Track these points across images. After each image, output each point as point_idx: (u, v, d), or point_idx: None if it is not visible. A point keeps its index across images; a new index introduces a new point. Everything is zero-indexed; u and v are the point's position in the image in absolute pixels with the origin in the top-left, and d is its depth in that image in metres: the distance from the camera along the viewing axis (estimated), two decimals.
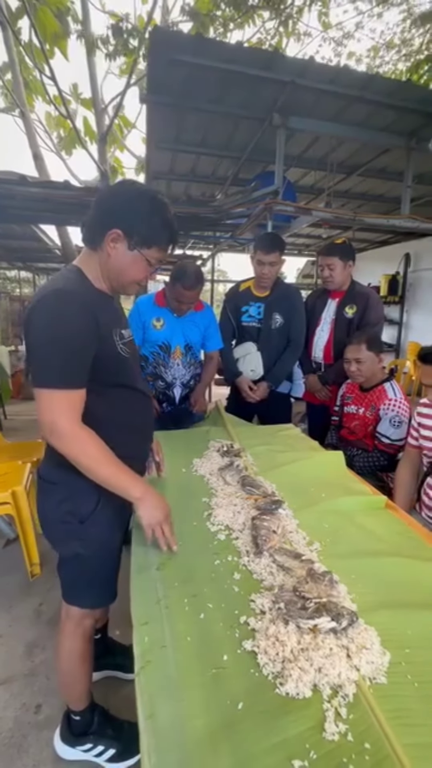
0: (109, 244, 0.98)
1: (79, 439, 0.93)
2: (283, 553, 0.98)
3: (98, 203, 1.01)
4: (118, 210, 0.97)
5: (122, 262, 1.00)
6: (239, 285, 2.44)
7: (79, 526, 1.03)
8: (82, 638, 1.14)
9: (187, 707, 0.65)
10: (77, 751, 1.22)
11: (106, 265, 1.01)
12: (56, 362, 0.90)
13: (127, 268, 1.01)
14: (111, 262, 1.00)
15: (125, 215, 0.96)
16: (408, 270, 6.01)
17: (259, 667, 0.71)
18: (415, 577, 0.94)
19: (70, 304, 0.92)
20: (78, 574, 1.09)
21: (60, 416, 0.91)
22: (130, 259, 1.00)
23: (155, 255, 1.02)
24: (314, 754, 0.58)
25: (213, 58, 2.53)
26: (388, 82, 2.92)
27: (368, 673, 0.69)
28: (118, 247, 0.98)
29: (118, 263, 1.00)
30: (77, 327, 0.92)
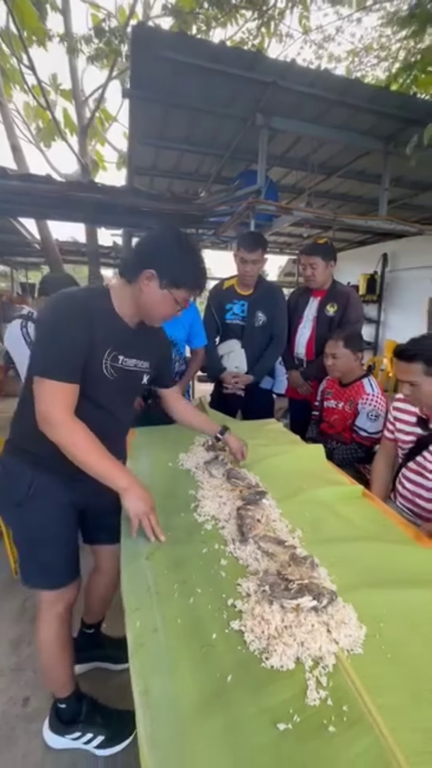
0: (143, 282, 1.08)
1: (70, 428, 1.00)
2: (267, 540, 1.03)
3: (138, 244, 1.15)
4: (154, 253, 1.08)
5: (153, 299, 1.10)
6: (222, 283, 2.48)
7: (18, 508, 1.12)
8: (56, 625, 1.18)
9: (180, 682, 0.69)
10: (66, 740, 1.25)
11: (138, 299, 1.11)
12: (54, 355, 1.00)
13: (157, 304, 1.11)
14: (143, 297, 1.10)
15: (160, 258, 1.07)
16: (385, 270, 6.19)
17: (246, 644, 0.76)
18: (389, 559, 1.01)
19: (74, 309, 1.03)
20: (23, 553, 1.18)
21: (55, 406, 0.99)
22: (161, 297, 1.10)
23: (182, 295, 1.12)
24: (297, 717, 0.63)
25: (196, 56, 2.54)
26: (367, 88, 3.01)
27: (346, 646, 0.75)
28: (151, 285, 1.08)
29: (150, 299, 1.10)
30: (75, 329, 1.01)
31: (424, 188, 4.41)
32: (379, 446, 1.87)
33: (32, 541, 1.15)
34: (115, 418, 1.19)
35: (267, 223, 3.79)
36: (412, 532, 1.15)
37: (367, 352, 6.36)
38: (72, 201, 2.98)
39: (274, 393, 2.78)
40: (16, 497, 1.11)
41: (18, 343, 1.93)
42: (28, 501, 1.11)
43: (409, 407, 1.68)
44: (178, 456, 1.60)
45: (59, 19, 4.76)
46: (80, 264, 7.08)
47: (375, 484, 1.75)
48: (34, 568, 1.17)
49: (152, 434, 1.85)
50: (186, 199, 3.04)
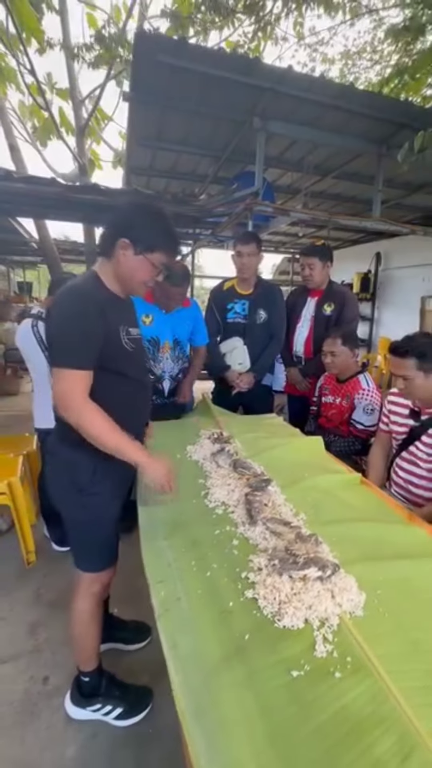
0: (119, 253, 1.15)
1: (88, 411, 1.08)
2: (274, 522, 1.13)
3: (109, 220, 1.19)
4: (126, 222, 1.15)
5: (131, 267, 1.17)
6: (223, 284, 2.57)
7: (78, 494, 1.20)
8: (91, 600, 1.30)
9: (203, 641, 0.78)
10: (87, 712, 1.34)
11: (117, 270, 1.18)
12: (71, 347, 1.08)
13: (135, 271, 1.18)
14: (121, 267, 1.17)
15: (132, 226, 1.14)
16: (379, 268, 6.32)
17: (260, 609, 0.85)
18: (384, 537, 1.11)
19: (83, 301, 1.11)
20: (82, 539, 1.27)
21: (72, 391, 1.07)
22: (138, 263, 1.16)
23: (159, 258, 1.18)
24: (308, 666, 0.73)
25: (196, 61, 2.62)
26: (360, 93, 3.10)
27: (349, 609, 0.85)
28: (127, 253, 1.15)
29: (127, 267, 1.17)
30: (88, 319, 1.09)
31: (416, 189, 4.53)
32: (375, 438, 1.98)
33: (92, 525, 1.24)
34: (144, 385, 1.32)
35: (264, 223, 3.88)
36: (405, 514, 1.25)
37: (361, 349, 6.50)
38: (72, 201, 3.04)
39: (274, 390, 2.89)
40: (79, 485, 1.19)
41: (29, 342, 2.00)
42: (91, 486, 1.20)
43: (403, 400, 1.78)
44: (186, 448, 1.69)
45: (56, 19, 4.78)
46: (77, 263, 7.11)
47: (371, 472, 1.86)
48: (94, 551, 1.27)
49: (158, 428, 1.93)
50: (186, 201, 3.12)
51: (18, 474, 2.07)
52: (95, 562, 1.30)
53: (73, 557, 1.30)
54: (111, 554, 1.33)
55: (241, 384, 2.42)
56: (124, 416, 1.22)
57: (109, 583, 1.40)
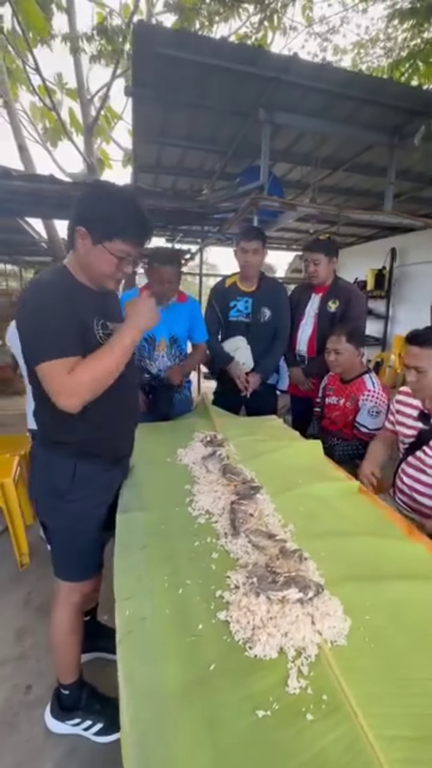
0: (79, 242, 1.05)
1: (77, 378, 0.99)
2: (258, 534, 1.04)
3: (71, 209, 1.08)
4: (83, 209, 1.05)
5: (89, 258, 1.07)
6: (225, 281, 2.49)
7: (59, 501, 1.14)
8: (70, 611, 1.24)
9: (164, 669, 0.71)
10: (67, 726, 1.29)
11: (79, 262, 1.10)
12: (44, 340, 1.00)
13: (94, 263, 1.07)
14: (81, 258, 1.08)
15: (86, 212, 1.04)
16: (394, 265, 6.11)
17: (231, 634, 0.77)
18: (380, 553, 1.01)
19: (48, 293, 1.04)
20: (62, 547, 1.21)
21: (62, 379, 0.99)
22: (96, 254, 1.06)
23: (120, 247, 1.06)
24: (276, 705, 0.65)
25: (197, 52, 2.54)
26: (370, 80, 2.98)
27: (330, 637, 0.76)
28: (86, 243, 1.05)
29: (86, 258, 1.07)
30: (56, 310, 1.01)
31: (431, 181, 4.34)
32: (378, 434, 1.86)
33: (71, 532, 1.18)
34: (128, 385, 1.22)
35: (272, 219, 3.77)
36: (405, 527, 1.15)
37: (375, 348, 6.30)
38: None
39: (278, 390, 2.79)
40: (58, 490, 1.14)
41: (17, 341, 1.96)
42: (70, 492, 1.14)
43: (412, 401, 1.67)
44: (176, 451, 1.62)
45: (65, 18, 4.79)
46: None
47: (367, 456, 1.74)
48: (72, 559, 1.21)
49: (151, 430, 1.87)
50: (189, 197, 3.05)
51: (12, 475, 2.04)
52: (75, 571, 1.24)
53: (52, 565, 1.25)
54: (93, 564, 1.26)
55: (248, 386, 2.34)
56: (108, 416, 1.17)
57: (95, 592, 1.35)
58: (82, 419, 1.07)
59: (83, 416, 1.06)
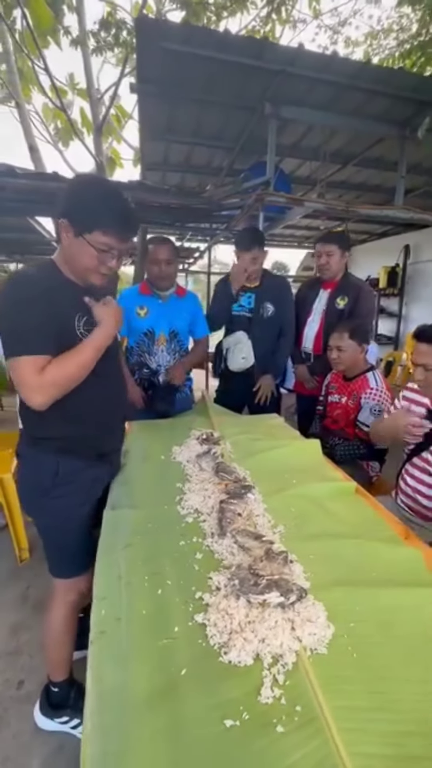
0: (63, 236, 1.04)
1: (48, 377, 0.99)
2: (244, 534, 1.01)
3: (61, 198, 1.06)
4: (65, 201, 1.02)
5: (72, 251, 1.05)
6: (227, 277, 2.45)
7: (43, 498, 1.14)
8: (65, 609, 1.24)
9: (133, 673, 0.68)
10: (55, 723, 1.28)
11: (63, 256, 1.08)
12: (17, 335, 0.99)
13: (75, 255, 1.05)
14: (65, 252, 1.07)
15: (67, 204, 1.02)
16: (407, 262, 5.97)
17: (207, 638, 0.74)
18: (371, 558, 0.97)
19: (27, 287, 1.02)
20: (52, 544, 1.21)
21: (28, 376, 0.98)
22: (77, 247, 1.03)
23: (100, 239, 1.03)
24: (246, 714, 0.61)
25: (201, 46, 2.51)
26: (380, 70, 2.89)
27: (310, 644, 0.72)
28: (69, 236, 1.03)
29: (69, 252, 1.06)
30: (33, 306, 0.99)
31: None
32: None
33: (59, 530, 1.18)
34: (110, 381, 1.21)
35: (279, 215, 3.72)
36: (401, 531, 1.10)
37: (387, 346, 6.17)
38: None
39: (284, 389, 2.75)
40: (43, 487, 1.13)
41: None
42: (54, 488, 1.13)
43: (420, 398, 1.61)
44: (172, 449, 1.60)
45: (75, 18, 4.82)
46: None
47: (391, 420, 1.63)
48: (65, 556, 1.21)
49: (148, 427, 1.85)
50: (193, 193, 3.02)
51: (11, 471, 2.05)
52: (67, 568, 1.23)
53: (48, 567, 1.25)
54: (85, 560, 1.23)
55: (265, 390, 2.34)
56: (91, 411, 1.16)
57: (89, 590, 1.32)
58: (64, 415, 1.06)
59: (64, 412, 1.05)
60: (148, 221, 4.10)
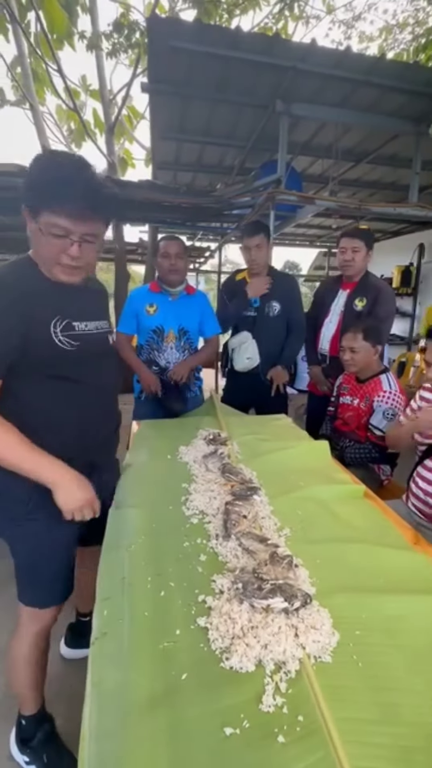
0: (28, 226, 0.91)
1: None
2: (249, 537, 1.00)
3: None
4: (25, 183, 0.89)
5: (34, 243, 0.92)
6: (234, 276, 2.47)
7: (12, 524, 1.02)
8: (29, 642, 1.11)
9: (133, 676, 0.67)
10: (21, 757, 1.19)
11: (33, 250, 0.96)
12: None
13: (36, 246, 0.93)
14: (32, 245, 0.95)
15: (26, 186, 0.88)
16: (422, 261, 5.85)
17: (208, 642, 0.73)
18: (379, 563, 0.94)
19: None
20: (26, 569, 1.08)
21: None
22: (36, 236, 0.90)
23: (51, 221, 0.87)
24: (247, 723, 0.60)
25: (212, 44, 2.50)
26: (395, 65, 2.83)
27: (314, 652, 0.71)
28: (30, 226, 0.90)
29: (33, 242, 0.93)
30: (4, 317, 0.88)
31: None
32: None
33: (35, 555, 1.06)
34: (93, 388, 1.09)
35: (290, 214, 3.68)
36: (411, 536, 1.07)
37: (400, 347, 6.06)
38: None
39: (294, 389, 2.74)
40: (14, 513, 1.02)
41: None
42: (28, 513, 1.02)
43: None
44: (179, 449, 1.59)
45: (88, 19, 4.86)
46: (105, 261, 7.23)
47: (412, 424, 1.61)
48: (38, 583, 1.09)
49: (156, 427, 1.85)
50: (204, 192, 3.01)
51: None
52: (38, 597, 1.10)
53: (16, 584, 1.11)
54: (61, 589, 1.13)
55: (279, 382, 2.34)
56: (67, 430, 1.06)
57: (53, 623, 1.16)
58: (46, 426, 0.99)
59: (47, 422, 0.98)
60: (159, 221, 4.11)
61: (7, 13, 3.89)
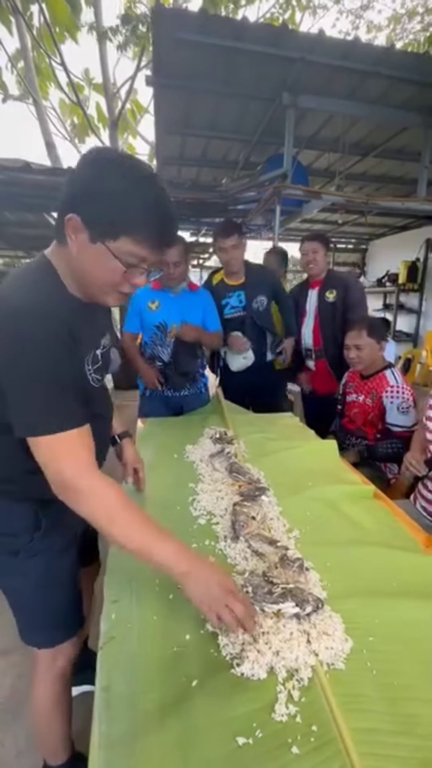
0: (70, 237, 0.73)
1: (96, 493, 0.73)
2: (258, 539, 0.98)
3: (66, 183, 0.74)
4: (78, 188, 0.71)
5: (83, 259, 0.74)
6: (210, 280, 2.40)
7: (12, 558, 0.87)
8: (54, 684, 0.98)
9: (143, 682, 0.66)
10: None
11: (70, 264, 0.77)
12: (44, 401, 0.71)
13: (90, 267, 0.75)
14: (72, 260, 0.75)
15: (83, 194, 0.70)
16: (429, 256, 5.78)
17: (219, 647, 0.72)
18: (391, 567, 0.92)
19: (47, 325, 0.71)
20: (25, 609, 0.93)
21: (67, 466, 0.72)
22: (94, 256, 0.73)
23: (130, 249, 0.72)
24: (260, 732, 0.59)
25: (218, 35, 2.46)
26: (404, 55, 2.77)
27: (326, 659, 0.69)
28: (80, 238, 0.72)
29: (79, 261, 0.75)
30: (58, 353, 0.72)
31: None
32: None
33: (38, 592, 0.91)
34: (106, 419, 1.03)
35: (296, 209, 3.64)
36: (423, 539, 1.05)
37: (406, 343, 6.01)
38: None
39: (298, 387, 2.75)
40: (15, 545, 0.87)
41: None
42: (31, 547, 0.88)
43: None
44: (185, 447, 1.58)
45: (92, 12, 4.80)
46: None
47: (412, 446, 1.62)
48: (47, 621, 0.94)
49: (161, 425, 1.84)
50: (209, 187, 2.97)
51: None
52: (50, 634, 0.95)
53: (18, 631, 0.96)
54: (73, 618, 0.99)
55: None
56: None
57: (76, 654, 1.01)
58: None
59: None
60: None
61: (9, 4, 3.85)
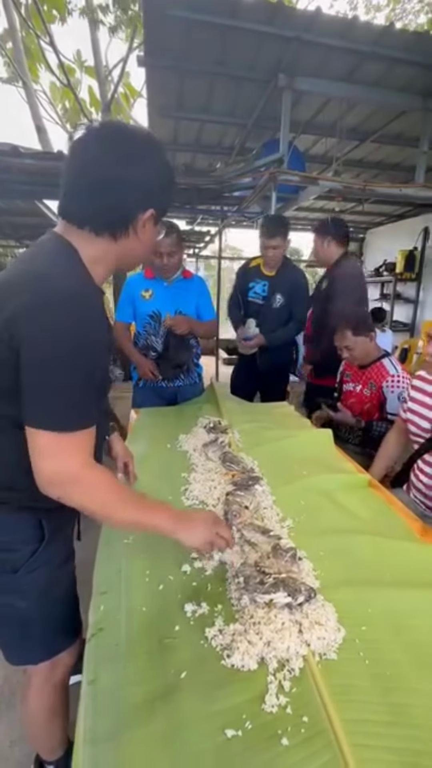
0: (140, 227, 0.79)
1: (94, 482, 0.72)
2: (251, 529, 0.97)
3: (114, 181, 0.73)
4: (151, 185, 0.78)
5: (148, 240, 0.84)
6: (250, 261, 2.54)
7: (11, 576, 0.81)
8: (52, 693, 0.93)
9: (130, 674, 0.65)
10: None
11: (127, 250, 0.81)
12: (71, 399, 0.68)
13: (147, 246, 0.86)
14: (139, 245, 0.82)
15: (151, 191, 0.79)
16: (426, 245, 5.73)
17: (208, 639, 0.70)
18: (385, 556, 0.91)
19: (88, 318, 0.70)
20: (20, 629, 0.86)
21: (70, 461, 0.69)
22: (152, 233, 0.84)
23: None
24: (249, 724, 0.57)
25: (211, 12, 2.37)
26: (404, 35, 2.68)
27: (318, 649, 0.68)
28: (149, 226, 0.81)
29: (145, 242, 0.83)
30: (97, 350, 0.73)
31: None
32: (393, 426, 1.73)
33: (40, 607, 0.85)
34: (106, 412, 1.03)
35: (293, 195, 3.57)
36: (417, 527, 1.04)
37: (403, 333, 5.99)
38: None
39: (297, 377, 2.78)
40: (15, 563, 0.81)
41: None
42: (32, 562, 0.82)
43: (429, 387, 1.52)
44: (178, 437, 1.56)
45: None
46: None
47: (375, 462, 1.63)
48: (47, 636, 0.88)
49: (155, 415, 1.81)
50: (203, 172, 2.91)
51: None
52: (50, 647, 0.90)
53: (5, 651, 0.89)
54: (72, 626, 0.95)
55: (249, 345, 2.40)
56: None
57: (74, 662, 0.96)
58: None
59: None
60: None
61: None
